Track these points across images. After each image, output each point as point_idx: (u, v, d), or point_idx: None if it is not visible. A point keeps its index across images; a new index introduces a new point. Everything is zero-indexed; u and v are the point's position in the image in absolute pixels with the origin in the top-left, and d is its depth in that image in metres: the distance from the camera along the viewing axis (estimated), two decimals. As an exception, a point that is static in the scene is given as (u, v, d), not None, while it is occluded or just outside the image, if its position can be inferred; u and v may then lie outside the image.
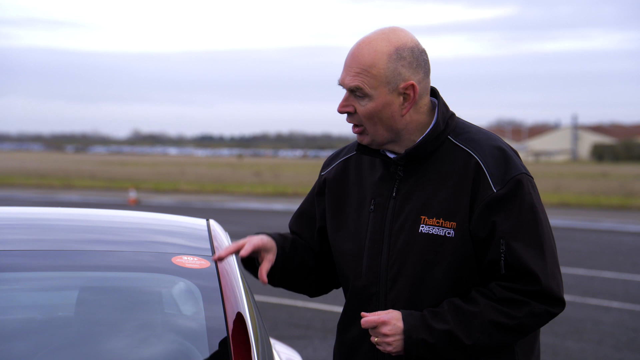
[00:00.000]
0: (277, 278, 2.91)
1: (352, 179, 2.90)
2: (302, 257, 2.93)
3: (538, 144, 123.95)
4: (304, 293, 3.04)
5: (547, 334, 9.05)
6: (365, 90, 2.72)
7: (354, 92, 2.74)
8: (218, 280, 2.89)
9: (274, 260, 2.83)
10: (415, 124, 2.78)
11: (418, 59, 2.75)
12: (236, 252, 2.80)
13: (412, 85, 2.73)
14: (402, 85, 2.73)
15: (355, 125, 2.79)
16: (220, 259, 2.84)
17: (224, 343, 2.69)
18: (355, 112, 2.76)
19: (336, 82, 2.80)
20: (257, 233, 2.87)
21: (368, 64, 2.72)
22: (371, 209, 2.82)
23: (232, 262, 3.06)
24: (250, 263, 2.90)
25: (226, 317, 2.77)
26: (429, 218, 2.73)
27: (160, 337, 2.83)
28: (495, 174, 2.71)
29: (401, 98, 2.74)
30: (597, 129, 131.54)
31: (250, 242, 2.79)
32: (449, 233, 2.71)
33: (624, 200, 31.77)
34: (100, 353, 2.73)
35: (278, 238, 2.89)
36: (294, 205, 27.45)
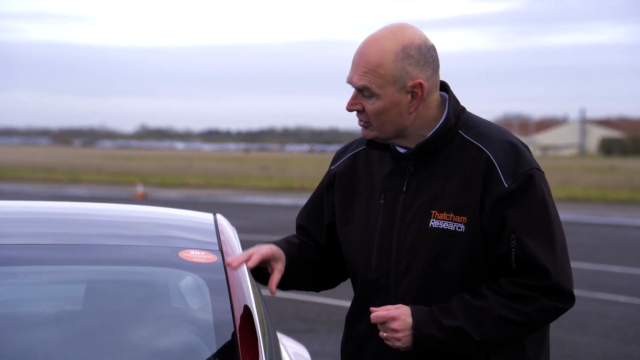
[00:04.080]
0: (287, 284, 2.92)
1: (362, 173, 2.90)
2: (309, 260, 2.93)
3: (546, 138, 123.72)
4: (310, 290, 3.05)
5: (554, 328, 9.03)
6: (373, 90, 2.71)
7: (362, 92, 2.74)
8: (225, 274, 2.90)
9: (283, 270, 2.83)
10: (424, 119, 2.77)
11: (426, 56, 2.73)
12: (246, 261, 2.78)
13: (420, 84, 2.72)
14: (410, 83, 2.71)
15: (361, 120, 2.78)
16: (233, 267, 2.80)
17: (231, 337, 2.70)
18: (364, 109, 2.76)
19: (343, 76, 2.79)
20: (265, 242, 2.86)
21: (375, 64, 2.70)
22: (381, 203, 2.81)
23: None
24: (257, 271, 2.90)
25: (233, 311, 2.77)
26: (439, 212, 2.72)
27: (168, 331, 2.84)
28: (507, 168, 2.70)
29: (409, 96, 2.73)
30: (605, 122, 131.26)
31: (259, 253, 2.78)
32: (459, 228, 2.70)
33: (631, 194, 31.70)
34: (107, 346, 2.74)
35: (285, 246, 2.89)
36: (300, 200, 27.45)
